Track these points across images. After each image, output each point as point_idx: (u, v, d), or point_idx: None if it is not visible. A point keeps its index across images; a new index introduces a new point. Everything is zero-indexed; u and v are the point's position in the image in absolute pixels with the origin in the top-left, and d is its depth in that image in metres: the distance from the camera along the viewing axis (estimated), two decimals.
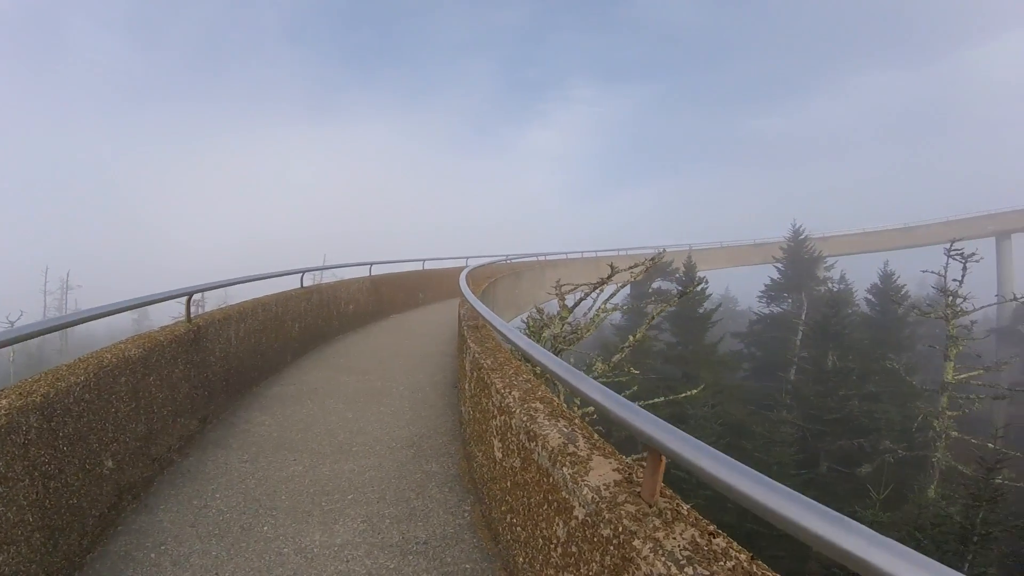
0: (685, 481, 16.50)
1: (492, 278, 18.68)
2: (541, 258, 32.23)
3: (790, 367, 31.20)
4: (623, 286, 12.62)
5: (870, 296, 38.19)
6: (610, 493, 2.46)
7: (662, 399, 10.82)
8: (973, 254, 17.73)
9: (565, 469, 2.77)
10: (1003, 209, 51.44)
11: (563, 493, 2.75)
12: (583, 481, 2.61)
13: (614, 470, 2.70)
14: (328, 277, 35.15)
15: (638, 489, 2.49)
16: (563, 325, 9.42)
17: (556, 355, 9.32)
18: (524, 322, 10.06)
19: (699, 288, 32.04)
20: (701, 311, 29.81)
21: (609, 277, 9.43)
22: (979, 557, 13.24)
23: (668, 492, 2.45)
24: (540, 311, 9.84)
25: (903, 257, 48.15)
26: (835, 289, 42.26)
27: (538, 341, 9.34)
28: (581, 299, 10.03)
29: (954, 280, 18.21)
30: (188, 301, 7.46)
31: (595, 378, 9.95)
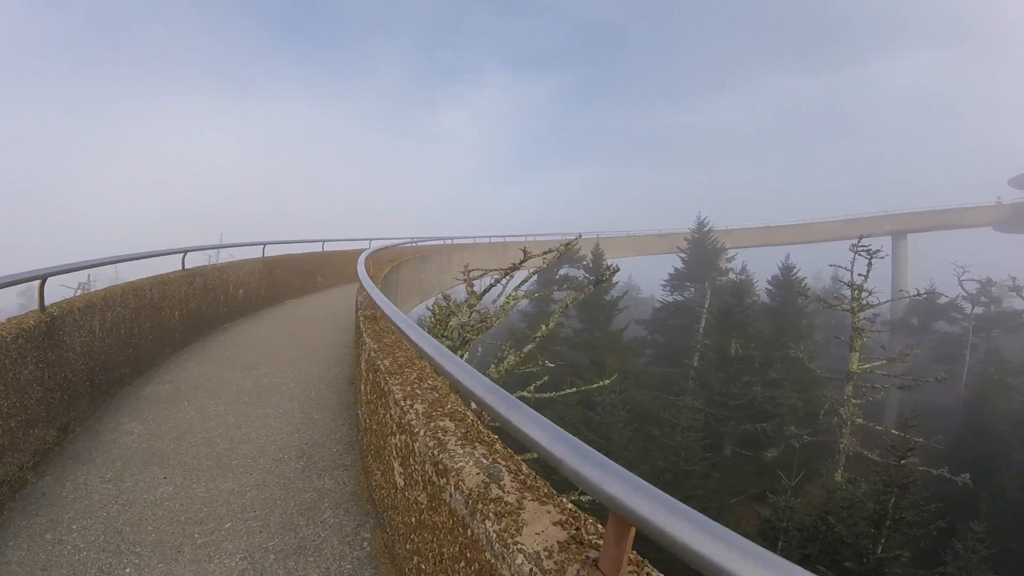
0: None
1: (395, 262, 17.84)
2: (448, 242, 31.47)
3: (693, 354, 31.84)
4: (534, 273, 12.16)
5: (771, 287, 39.57)
6: (555, 564, 1.76)
7: (573, 389, 10.46)
8: (878, 251, 18.36)
9: (488, 523, 2.04)
10: (899, 211, 55.01)
11: (487, 555, 2.02)
12: (515, 543, 1.89)
13: (556, 524, 1.99)
14: (226, 258, 33.21)
15: (593, 555, 1.80)
16: (471, 313, 8.81)
17: (464, 345, 8.83)
18: (429, 309, 9.42)
19: (612, 277, 32.31)
20: (608, 299, 29.94)
21: (522, 262, 8.89)
22: (891, 540, 13.69)
23: (636, 558, 1.78)
24: (447, 298, 9.20)
25: (802, 252, 50.37)
26: (736, 280, 43.68)
27: (444, 330, 8.71)
28: (491, 286, 9.48)
29: (860, 275, 18.81)
30: (41, 286, 6.33)
31: (506, 370, 9.43)
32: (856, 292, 18.67)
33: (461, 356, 8.11)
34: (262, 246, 15.94)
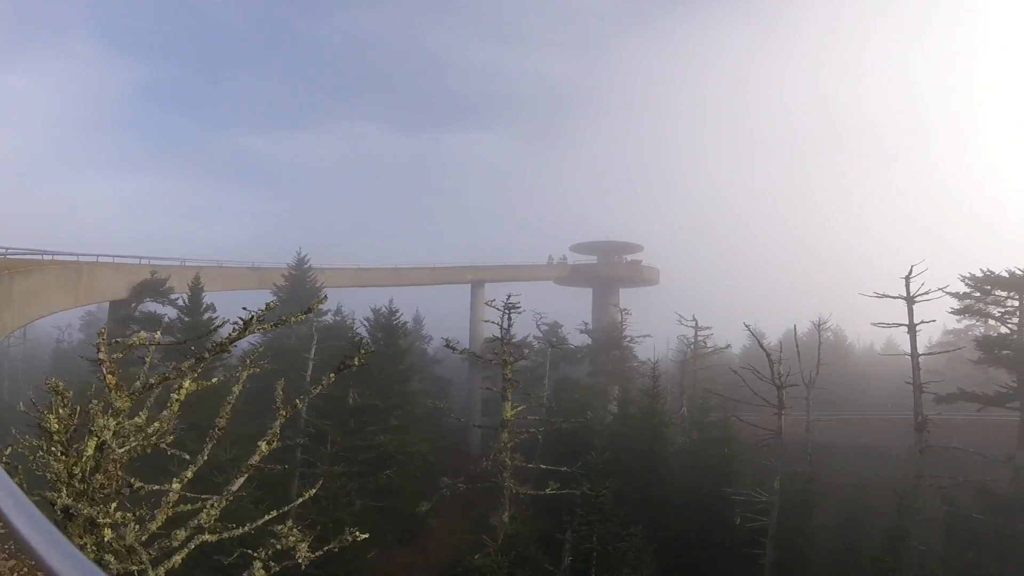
0: None
1: None
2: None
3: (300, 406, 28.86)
4: None
5: (370, 330, 39.02)
6: None
7: None
8: (517, 304, 18.65)
9: None
10: (478, 263, 61.06)
11: None
12: None
13: None
14: None
15: None
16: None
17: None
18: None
19: (208, 315, 27.68)
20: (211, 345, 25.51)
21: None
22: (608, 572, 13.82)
23: None
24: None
25: (392, 295, 51.76)
26: (333, 321, 42.15)
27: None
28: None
29: (504, 329, 18.85)
30: None
31: None
32: (505, 347, 18.80)
33: None
34: None
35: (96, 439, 4.83)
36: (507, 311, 18.98)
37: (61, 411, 4.98)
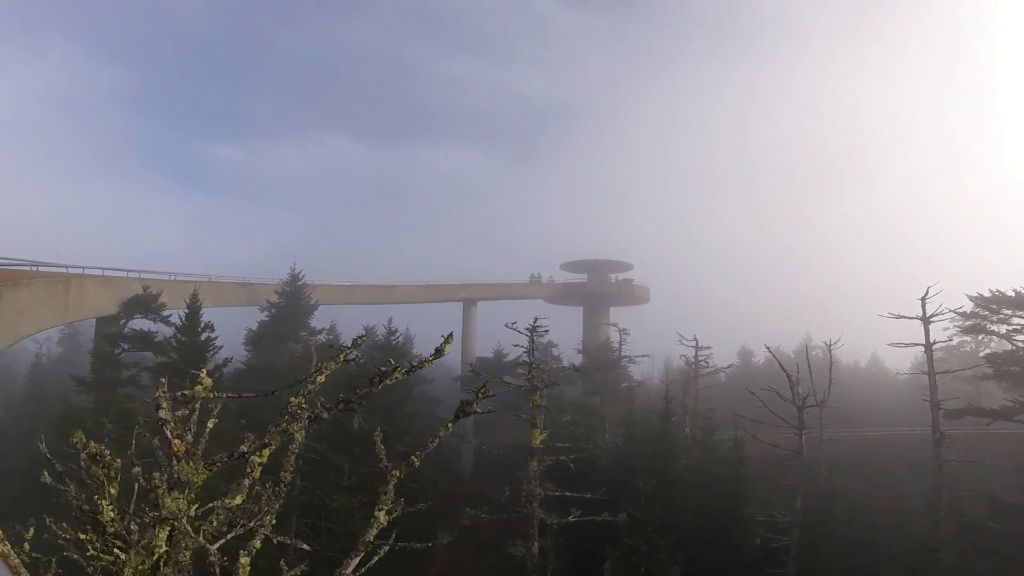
0: None
1: None
2: None
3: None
4: None
5: (367, 349, 37.99)
6: None
7: None
8: (540, 326, 17.95)
9: None
10: (470, 281, 60.86)
11: None
12: None
13: None
14: None
15: None
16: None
17: None
18: None
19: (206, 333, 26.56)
20: (208, 367, 24.42)
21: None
22: None
23: None
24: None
25: (384, 312, 50.89)
26: (327, 340, 41.11)
27: None
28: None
29: (526, 352, 18.14)
30: None
31: None
32: (533, 371, 18.07)
33: None
34: None
35: (168, 527, 3.85)
36: (532, 333, 18.22)
37: (111, 490, 3.83)
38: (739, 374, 60.69)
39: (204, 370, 5.00)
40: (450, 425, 5.14)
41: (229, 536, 4.24)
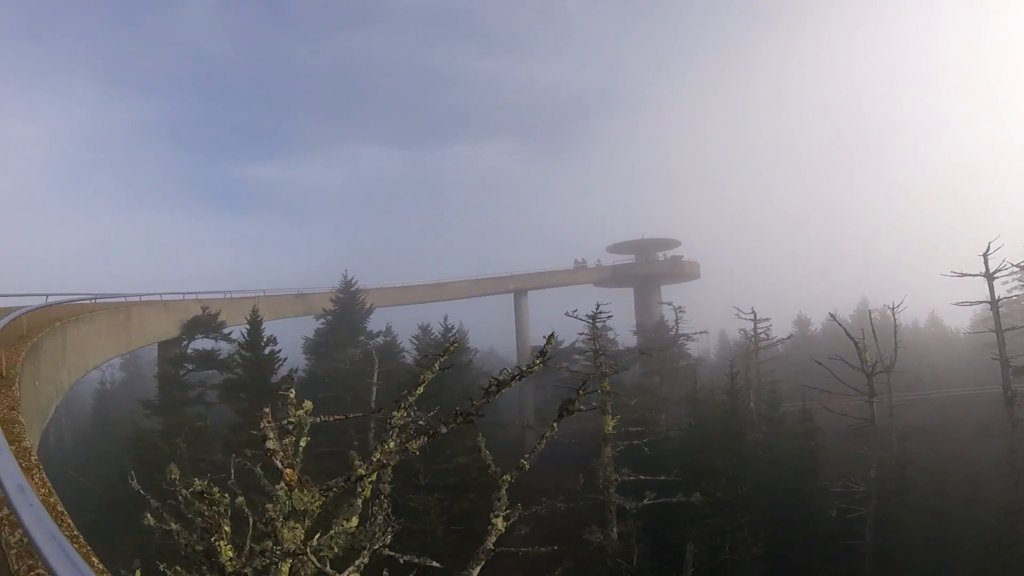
0: None
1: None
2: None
3: (367, 431, 28.22)
4: None
5: (421, 346, 38.56)
6: None
7: None
8: (603, 312, 17.75)
9: None
10: (520, 271, 60.37)
11: None
12: None
13: None
14: None
15: None
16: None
17: None
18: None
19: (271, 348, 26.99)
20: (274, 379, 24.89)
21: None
22: None
23: None
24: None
25: (434, 310, 51.25)
26: (384, 341, 41.58)
27: None
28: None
29: (590, 340, 17.98)
30: None
31: None
32: (599, 358, 17.93)
33: None
34: None
35: (290, 562, 3.75)
36: (594, 320, 18.01)
37: (226, 528, 3.77)
38: (797, 344, 59.44)
39: (292, 391, 4.95)
40: (555, 425, 5.02)
41: (358, 564, 4.15)
